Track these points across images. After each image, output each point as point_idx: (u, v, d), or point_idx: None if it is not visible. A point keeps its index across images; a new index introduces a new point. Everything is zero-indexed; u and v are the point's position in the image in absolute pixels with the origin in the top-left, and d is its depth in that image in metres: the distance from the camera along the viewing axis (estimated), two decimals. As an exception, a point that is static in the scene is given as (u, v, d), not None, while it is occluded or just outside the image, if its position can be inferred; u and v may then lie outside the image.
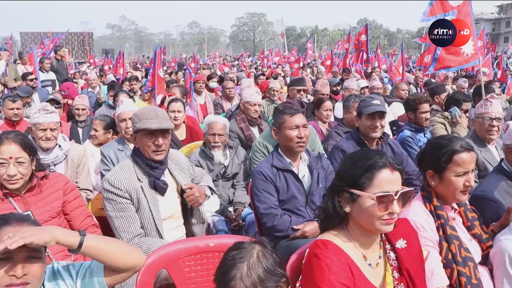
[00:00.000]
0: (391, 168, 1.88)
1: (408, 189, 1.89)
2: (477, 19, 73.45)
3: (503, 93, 11.20)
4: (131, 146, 3.80)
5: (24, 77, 9.59)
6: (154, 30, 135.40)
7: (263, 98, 7.99)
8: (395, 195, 1.84)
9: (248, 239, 1.94)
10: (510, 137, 3.06)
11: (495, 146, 4.09)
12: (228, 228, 3.98)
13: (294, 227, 3.21)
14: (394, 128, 6.29)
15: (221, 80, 11.61)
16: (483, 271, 2.42)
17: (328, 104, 5.71)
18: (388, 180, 1.86)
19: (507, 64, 24.12)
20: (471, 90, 8.60)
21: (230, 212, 4.22)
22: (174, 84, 8.82)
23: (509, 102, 9.38)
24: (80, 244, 1.79)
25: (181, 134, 5.51)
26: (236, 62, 32.75)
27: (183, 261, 2.41)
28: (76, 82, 13.08)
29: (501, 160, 3.15)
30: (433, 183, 2.47)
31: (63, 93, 9.09)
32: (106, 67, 18.39)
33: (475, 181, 3.73)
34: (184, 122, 5.62)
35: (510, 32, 71.38)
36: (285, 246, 3.13)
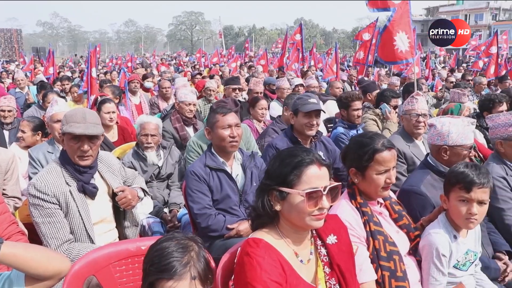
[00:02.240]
0: (318, 164, 1.90)
1: (336, 184, 1.92)
2: (407, 20, 76.45)
3: (432, 90, 11.76)
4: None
5: None
6: (88, 28, 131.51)
7: (199, 97, 7.96)
8: (324, 190, 1.86)
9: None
10: (443, 138, 3.11)
11: (422, 141, 4.25)
12: (163, 229, 3.92)
13: (229, 226, 3.22)
14: (331, 125, 6.43)
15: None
16: (410, 262, 2.49)
17: (263, 103, 5.75)
18: (316, 176, 1.88)
19: (435, 63, 25.38)
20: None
21: (166, 213, 4.17)
22: (107, 84, 8.58)
23: (437, 98, 9.87)
24: None
25: (112, 135, 5.39)
26: (174, 61, 32.36)
27: (114, 266, 2.30)
28: (2, 82, 12.45)
29: (427, 154, 3.27)
30: (356, 180, 2.52)
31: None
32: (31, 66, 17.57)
33: (404, 175, 3.90)
34: (116, 123, 5.48)
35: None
36: (220, 245, 3.13)
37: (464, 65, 23.42)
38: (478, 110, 5.73)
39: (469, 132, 3.07)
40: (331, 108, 7.25)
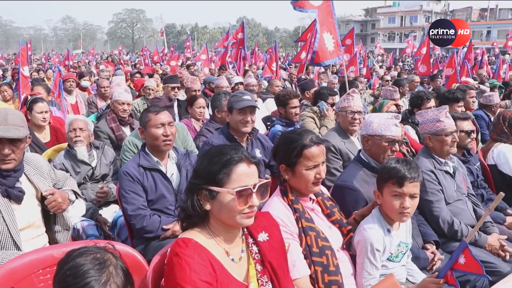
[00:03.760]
0: (247, 162, 1.90)
1: (265, 181, 1.92)
2: (347, 20, 79.22)
3: (369, 88, 12.09)
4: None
5: None
6: (22, 24, 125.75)
7: (138, 96, 7.79)
8: (254, 188, 1.86)
9: (86, 242, 1.79)
10: (365, 128, 3.25)
11: (357, 138, 4.34)
12: (99, 232, 3.80)
13: (164, 227, 3.17)
14: (269, 123, 6.47)
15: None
16: (343, 257, 2.53)
17: (201, 101, 5.69)
18: (245, 174, 1.87)
19: (373, 62, 26.20)
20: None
21: (101, 215, 4.04)
22: (38, 83, 8.23)
23: (374, 96, 10.16)
24: None
25: (44, 136, 5.17)
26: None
27: (37, 275, 2.07)
28: None
29: (359, 150, 3.34)
30: (286, 176, 2.53)
31: None
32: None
33: (339, 171, 3.97)
34: (49, 123, 5.26)
35: (375, 34, 77.63)
36: (156, 246, 3.07)
37: (401, 64, 24.29)
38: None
39: (390, 124, 3.14)
40: (270, 106, 7.29)
